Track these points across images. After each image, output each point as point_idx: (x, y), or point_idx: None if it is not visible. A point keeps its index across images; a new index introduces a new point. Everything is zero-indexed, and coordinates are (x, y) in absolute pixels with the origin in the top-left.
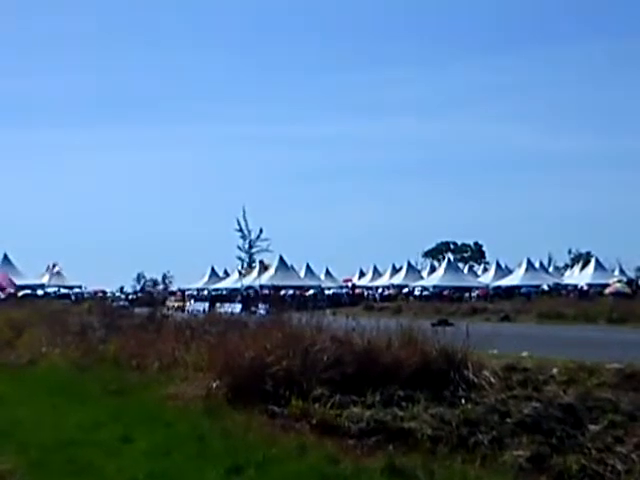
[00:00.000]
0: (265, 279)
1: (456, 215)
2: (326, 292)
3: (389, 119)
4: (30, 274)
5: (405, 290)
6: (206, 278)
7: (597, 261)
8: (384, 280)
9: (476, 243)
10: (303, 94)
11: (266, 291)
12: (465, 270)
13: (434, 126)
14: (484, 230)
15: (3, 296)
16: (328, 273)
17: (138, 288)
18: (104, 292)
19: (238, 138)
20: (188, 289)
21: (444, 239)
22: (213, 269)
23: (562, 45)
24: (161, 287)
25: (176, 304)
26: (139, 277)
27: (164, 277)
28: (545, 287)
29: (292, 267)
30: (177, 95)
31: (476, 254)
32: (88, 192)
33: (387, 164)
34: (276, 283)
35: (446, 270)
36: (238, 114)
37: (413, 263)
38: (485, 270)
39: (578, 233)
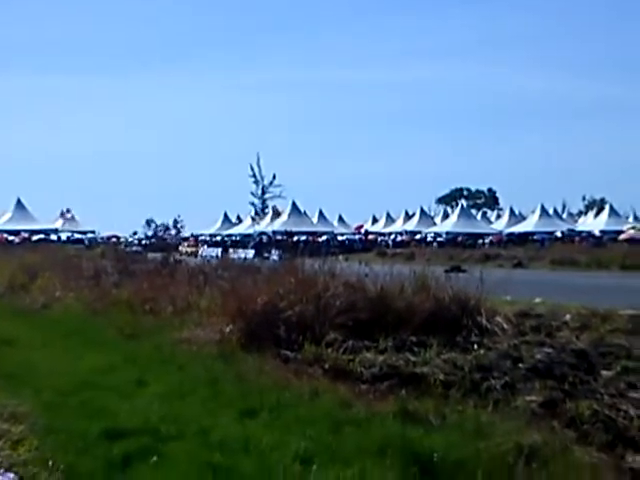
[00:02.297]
0: (278, 225)
1: (470, 161)
2: (339, 238)
3: (401, 66)
4: (43, 219)
5: (418, 236)
6: (219, 224)
7: (611, 207)
8: (397, 226)
9: (490, 189)
10: (312, 41)
11: (279, 237)
12: (478, 217)
13: (448, 73)
14: (498, 176)
15: (17, 241)
16: (341, 219)
17: (149, 234)
18: (117, 237)
19: (252, 84)
20: (201, 235)
21: (457, 185)
22: (226, 215)
23: None
24: (173, 232)
25: (189, 249)
26: (149, 222)
27: (175, 222)
28: (559, 234)
29: (305, 213)
30: (190, 42)
31: (490, 200)
32: (102, 138)
33: (401, 110)
34: (289, 229)
35: (459, 216)
36: (250, 61)
37: (426, 209)
38: (498, 216)
39: (592, 179)
